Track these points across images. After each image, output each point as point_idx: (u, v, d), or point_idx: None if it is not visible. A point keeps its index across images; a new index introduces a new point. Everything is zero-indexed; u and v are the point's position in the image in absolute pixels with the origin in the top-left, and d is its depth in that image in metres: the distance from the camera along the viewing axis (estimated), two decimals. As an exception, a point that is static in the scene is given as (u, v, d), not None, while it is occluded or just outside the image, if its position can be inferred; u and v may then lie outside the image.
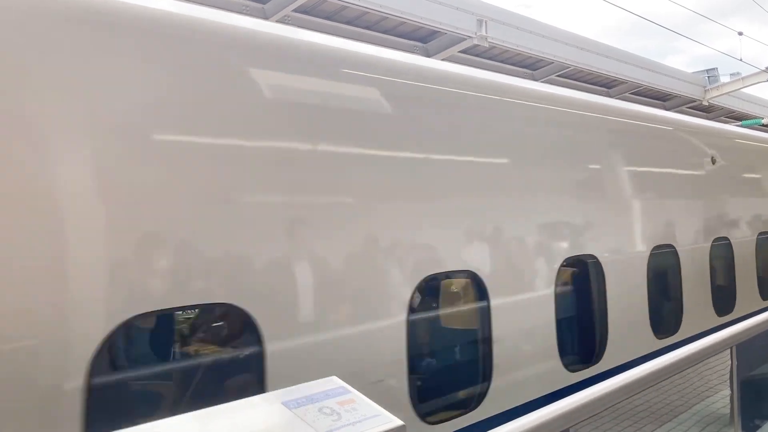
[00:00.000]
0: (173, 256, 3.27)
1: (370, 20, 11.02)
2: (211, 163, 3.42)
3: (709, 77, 18.99)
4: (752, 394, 4.65)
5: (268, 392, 2.77)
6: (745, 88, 19.20)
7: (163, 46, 3.39)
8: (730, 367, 4.28)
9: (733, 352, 4.21)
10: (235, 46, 3.74)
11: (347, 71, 4.34)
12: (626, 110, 7.48)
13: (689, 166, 8.01)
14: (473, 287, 4.81)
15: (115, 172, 3.09)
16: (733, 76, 19.06)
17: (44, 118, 2.94)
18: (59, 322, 2.84)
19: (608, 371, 5.33)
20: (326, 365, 3.58)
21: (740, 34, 18.36)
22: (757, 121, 19.00)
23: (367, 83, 4.39)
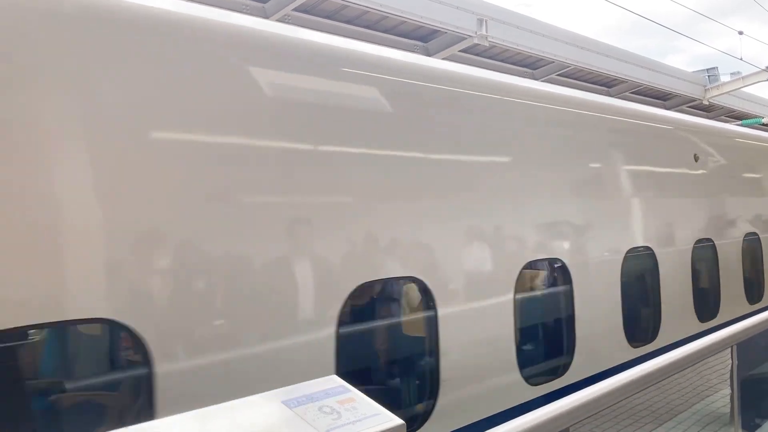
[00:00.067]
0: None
1: (370, 19, 11.02)
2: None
3: (709, 76, 18.97)
4: (752, 393, 4.65)
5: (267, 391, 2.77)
6: (745, 87, 19.18)
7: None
8: (730, 366, 4.29)
9: (733, 351, 4.21)
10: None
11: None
12: (595, 104, 6.90)
13: (668, 163, 7.50)
14: (421, 295, 4.48)
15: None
16: (733, 75, 19.04)
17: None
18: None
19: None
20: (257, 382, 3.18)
21: (740, 33, 18.35)
22: (757, 120, 18.96)
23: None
